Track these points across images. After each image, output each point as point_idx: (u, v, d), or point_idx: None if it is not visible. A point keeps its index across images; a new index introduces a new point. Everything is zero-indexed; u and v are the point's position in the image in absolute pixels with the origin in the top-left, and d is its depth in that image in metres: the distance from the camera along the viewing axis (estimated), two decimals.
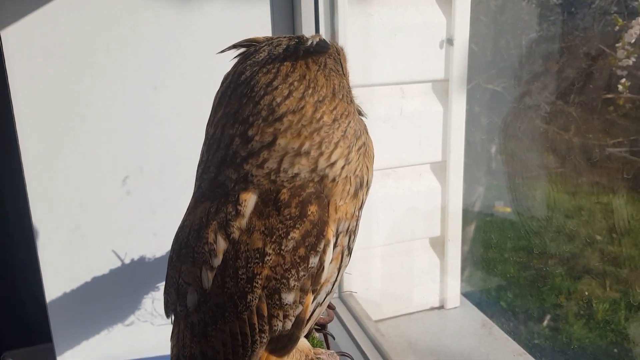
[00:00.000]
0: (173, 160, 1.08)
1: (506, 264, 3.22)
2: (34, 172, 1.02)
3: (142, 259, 1.13)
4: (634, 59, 1.40)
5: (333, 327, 1.09)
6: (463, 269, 3.21)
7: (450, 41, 1.17)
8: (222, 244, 0.56)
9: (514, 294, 2.92)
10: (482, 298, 3.00)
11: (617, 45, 1.39)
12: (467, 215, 3.20)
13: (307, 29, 1.11)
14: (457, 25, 1.16)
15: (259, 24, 1.09)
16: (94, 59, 1.04)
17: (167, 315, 0.65)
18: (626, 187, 3.74)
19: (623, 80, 1.49)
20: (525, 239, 3.45)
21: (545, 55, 3.31)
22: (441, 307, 1.29)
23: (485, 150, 3.27)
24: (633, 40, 1.39)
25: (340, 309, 1.14)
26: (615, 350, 2.55)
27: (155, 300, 1.12)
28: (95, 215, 1.08)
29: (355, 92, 1.15)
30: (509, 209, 3.58)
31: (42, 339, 1.27)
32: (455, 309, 1.28)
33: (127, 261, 1.11)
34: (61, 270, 1.10)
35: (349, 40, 1.07)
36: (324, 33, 1.09)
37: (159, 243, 1.10)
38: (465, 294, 1.35)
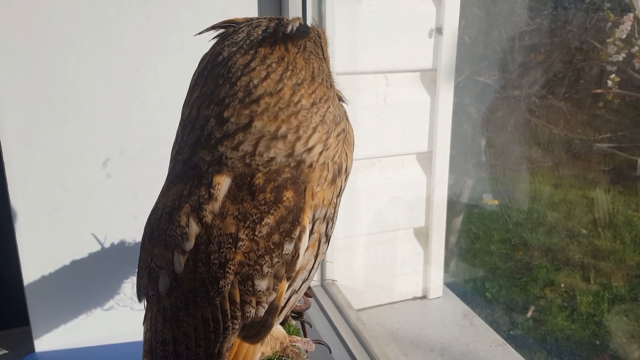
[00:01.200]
0: (155, 143, 1.06)
1: (492, 256, 3.24)
2: (13, 153, 1.00)
3: (122, 243, 1.11)
4: (624, 55, 1.40)
5: (314, 316, 1.09)
6: (449, 260, 3.25)
7: (439, 30, 1.16)
8: (194, 228, 0.55)
9: (499, 285, 2.95)
10: (467, 289, 3.02)
11: (608, 40, 1.39)
12: (455, 207, 3.21)
13: (294, 13, 1.09)
14: (446, 14, 1.15)
15: (246, 6, 1.07)
16: (76, 39, 1.02)
17: (140, 300, 0.64)
18: (612, 182, 3.77)
19: (612, 75, 1.49)
20: (511, 232, 3.47)
21: (537, 49, 3.31)
22: (424, 297, 1.29)
23: (475, 143, 3.27)
24: (624, 36, 1.38)
25: (322, 297, 1.13)
26: (597, 342, 2.59)
27: (134, 285, 1.11)
28: (75, 197, 1.07)
29: (339, 78, 1.14)
30: (496, 202, 3.59)
31: (20, 322, 1.26)
32: (438, 299, 1.28)
33: (107, 245, 1.10)
34: (40, 253, 1.08)
35: (337, 26, 1.06)
36: (310, 17, 1.08)
37: (139, 227, 1.08)
38: (449, 285, 1.35)
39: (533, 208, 3.74)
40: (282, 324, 0.69)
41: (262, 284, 0.56)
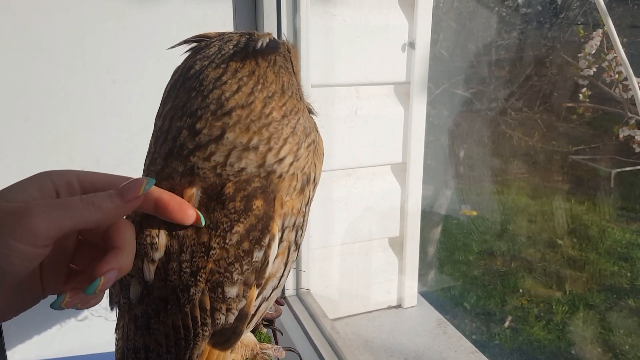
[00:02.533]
0: (131, 154, 1.07)
1: (470, 266, 3.28)
2: None
3: None
4: (595, 69, 1.44)
5: (288, 325, 1.09)
6: (428, 270, 3.28)
7: (412, 45, 1.19)
8: (163, 239, 0.56)
9: (477, 295, 2.98)
10: (445, 299, 3.05)
11: (579, 55, 1.43)
12: (434, 218, 3.25)
13: (269, 27, 1.11)
14: (419, 29, 1.18)
15: (222, 20, 1.09)
16: (52, 50, 1.02)
17: (112, 308, 0.64)
18: (587, 193, 3.85)
19: (584, 89, 1.53)
20: (489, 242, 3.53)
21: (512, 63, 3.38)
22: (399, 306, 1.30)
23: (454, 155, 3.32)
24: (593, 51, 1.43)
25: (297, 306, 1.14)
26: (573, 351, 2.62)
27: (108, 295, 1.11)
28: None
29: (314, 91, 1.16)
30: (474, 212, 3.65)
31: None
32: (413, 308, 1.30)
33: None
34: None
35: (311, 39, 1.08)
36: (285, 31, 1.10)
37: None
38: (423, 294, 1.37)
39: (510, 219, 3.81)
40: (253, 331, 0.70)
41: (232, 291, 0.57)
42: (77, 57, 1.05)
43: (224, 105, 0.56)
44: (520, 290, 3.01)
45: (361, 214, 1.26)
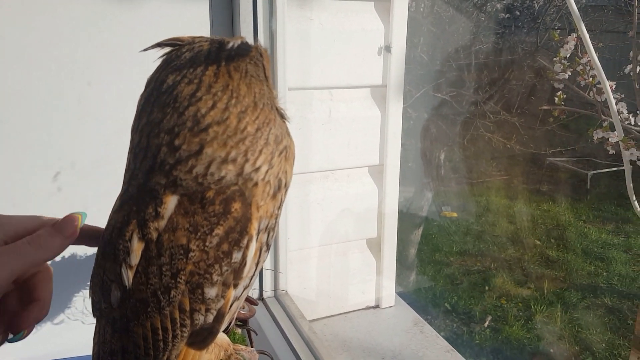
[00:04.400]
0: (107, 157, 1.06)
1: (451, 267, 3.32)
2: None
3: (73, 257, 1.11)
4: (569, 73, 1.47)
5: (266, 326, 1.10)
6: (410, 271, 3.32)
7: (388, 48, 1.20)
8: (136, 243, 0.57)
9: (458, 296, 3.02)
10: (427, 299, 3.08)
11: (555, 59, 1.46)
12: (415, 220, 3.28)
13: (245, 30, 1.12)
14: (394, 33, 1.20)
15: (198, 23, 1.09)
16: (27, 52, 1.02)
17: (94, 315, 0.65)
18: (564, 194, 3.93)
19: (559, 93, 1.56)
20: (469, 243, 3.57)
21: (491, 67, 3.44)
22: (376, 306, 1.32)
23: (434, 157, 3.36)
24: (568, 55, 1.46)
25: (274, 308, 1.15)
26: (552, 350, 2.67)
27: (86, 298, 1.10)
28: (24, 211, 1.05)
29: (291, 94, 1.17)
30: (455, 214, 3.70)
31: None
32: (390, 308, 1.31)
33: (57, 258, 1.08)
34: None
35: (288, 43, 1.09)
36: (262, 35, 1.11)
37: None
38: (400, 294, 1.38)
39: (489, 220, 3.87)
40: (226, 332, 0.70)
41: (211, 292, 0.58)
42: (52, 59, 1.04)
43: (200, 122, 0.57)
44: (500, 291, 3.05)
45: (339, 215, 1.27)
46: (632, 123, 1.37)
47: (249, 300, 0.79)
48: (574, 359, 2.57)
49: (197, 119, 0.57)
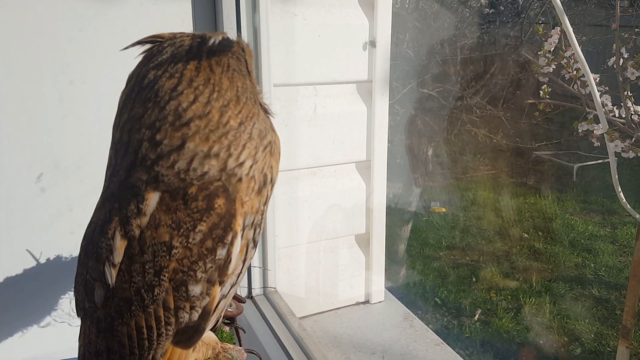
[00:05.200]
0: (91, 156, 1.05)
1: (441, 262, 3.33)
2: None
3: (58, 258, 1.09)
4: (554, 67, 1.48)
5: (255, 324, 1.09)
6: (400, 266, 3.33)
7: (372, 43, 1.20)
8: (119, 241, 0.56)
9: (448, 290, 3.03)
10: (417, 294, 3.09)
11: (539, 53, 1.47)
12: (404, 216, 3.29)
13: (228, 27, 1.11)
14: (379, 27, 1.20)
15: (180, 20, 1.08)
16: (7, 51, 1.00)
17: (78, 315, 0.64)
18: (551, 187, 3.97)
19: (544, 86, 1.56)
20: (458, 238, 3.60)
21: (476, 62, 3.46)
22: (366, 302, 1.32)
23: (422, 153, 3.37)
24: (552, 49, 1.46)
25: (264, 305, 1.15)
26: (541, 341, 2.69)
27: (72, 300, 1.09)
28: (7, 212, 1.04)
29: (276, 90, 1.16)
30: (444, 209, 3.71)
31: None
32: (380, 303, 1.32)
33: (42, 260, 1.07)
34: None
35: (272, 39, 1.08)
36: (245, 31, 1.10)
37: (76, 242, 1.06)
38: (390, 289, 1.39)
39: (477, 215, 3.89)
40: (213, 330, 0.70)
41: (195, 289, 0.58)
42: (33, 58, 1.03)
43: (181, 117, 0.56)
44: (489, 284, 3.07)
45: (326, 212, 1.27)
46: (616, 115, 1.38)
47: (236, 297, 0.78)
48: (563, 350, 2.59)
49: (179, 113, 0.56)
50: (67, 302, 1.11)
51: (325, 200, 1.26)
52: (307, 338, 1.06)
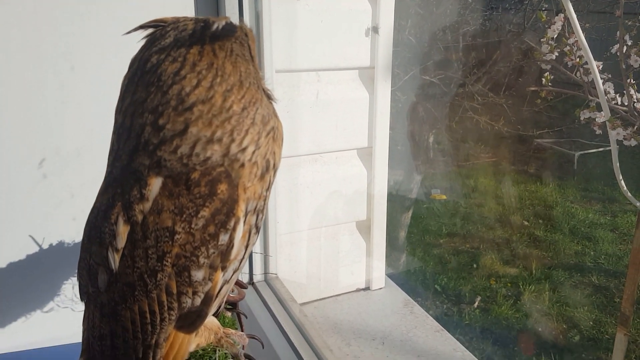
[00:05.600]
0: (92, 143, 1.05)
1: (441, 249, 3.34)
2: None
3: (61, 244, 1.10)
4: (557, 54, 1.46)
5: (256, 310, 1.10)
6: (400, 253, 3.34)
7: (375, 29, 1.19)
8: (121, 226, 0.56)
9: (448, 277, 3.05)
10: (417, 281, 3.10)
11: (542, 40, 1.46)
12: (405, 203, 3.29)
13: (230, 12, 1.10)
14: (382, 13, 1.19)
15: (182, 5, 1.07)
16: (7, 37, 0.99)
17: (82, 299, 0.64)
18: (552, 175, 3.97)
19: (546, 74, 1.55)
20: (458, 225, 3.60)
21: (478, 49, 3.44)
22: (367, 288, 1.32)
23: (423, 140, 3.37)
24: (555, 36, 1.45)
25: (265, 292, 1.15)
26: (540, 328, 2.71)
27: (75, 286, 1.09)
28: (9, 199, 1.04)
29: (278, 76, 1.16)
30: (444, 197, 3.72)
31: None
32: (380, 289, 1.32)
33: (45, 246, 1.08)
34: None
35: (274, 24, 1.07)
36: (247, 16, 1.09)
37: (78, 228, 1.06)
38: (390, 276, 1.39)
39: (478, 202, 3.90)
40: (216, 315, 0.70)
41: (198, 275, 0.58)
42: (33, 44, 1.02)
43: (184, 101, 0.56)
44: (489, 271, 3.09)
45: (328, 198, 1.27)
46: (619, 103, 1.37)
47: (238, 283, 0.79)
48: (561, 337, 2.61)
49: (182, 98, 0.56)
50: (70, 288, 1.11)
51: (327, 187, 1.26)
52: (308, 324, 1.06)
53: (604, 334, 2.55)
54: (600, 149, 3.57)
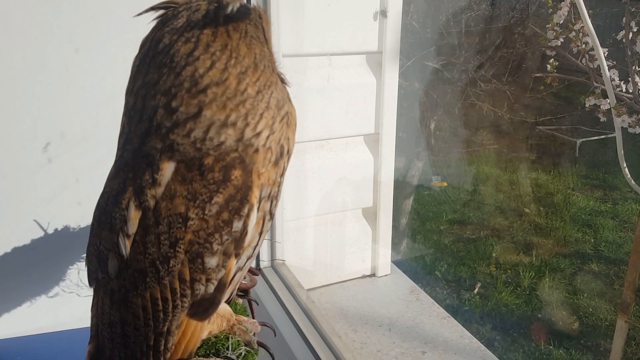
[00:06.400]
0: (97, 126, 1.03)
1: (441, 235, 3.34)
2: None
3: (66, 229, 1.09)
4: (562, 40, 1.45)
5: (264, 296, 1.10)
6: (401, 240, 3.35)
7: (383, 13, 1.18)
8: (133, 212, 0.55)
9: (448, 263, 3.06)
10: (417, 268, 3.11)
11: (547, 26, 1.44)
12: (406, 189, 3.29)
13: None
14: None
15: None
16: (11, 19, 0.97)
17: (91, 285, 0.63)
18: (554, 162, 3.96)
19: (551, 60, 1.54)
20: (458, 212, 3.61)
21: (481, 35, 3.41)
22: (373, 275, 1.32)
23: (425, 126, 3.35)
24: (561, 21, 1.43)
25: (272, 278, 1.15)
26: (540, 315, 2.72)
27: (80, 270, 1.09)
28: (14, 183, 1.03)
29: (286, 60, 1.14)
30: (445, 184, 3.72)
31: None
32: (386, 276, 1.32)
33: (50, 231, 1.07)
34: None
35: (282, 8, 1.06)
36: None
37: (83, 212, 1.06)
38: (396, 262, 1.39)
39: (479, 189, 3.90)
40: (227, 302, 0.69)
41: (211, 262, 0.57)
42: (36, 26, 1.00)
43: (198, 83, 0.54)
44: (489, 258, 3.10)
45: (335, 185, 1.26)
46: (624, 90, 1.36)
47: (250, 270, 0.78)
48: (561, 323, 2.62)
49: (195, 80, 0.54)
50: (76, 273, 1.11)
51: (333, 173, 1.25)
52: (315, 310, 1.06)
53: (604, 321, 2.57)
54: (602, 137, 3.56)
